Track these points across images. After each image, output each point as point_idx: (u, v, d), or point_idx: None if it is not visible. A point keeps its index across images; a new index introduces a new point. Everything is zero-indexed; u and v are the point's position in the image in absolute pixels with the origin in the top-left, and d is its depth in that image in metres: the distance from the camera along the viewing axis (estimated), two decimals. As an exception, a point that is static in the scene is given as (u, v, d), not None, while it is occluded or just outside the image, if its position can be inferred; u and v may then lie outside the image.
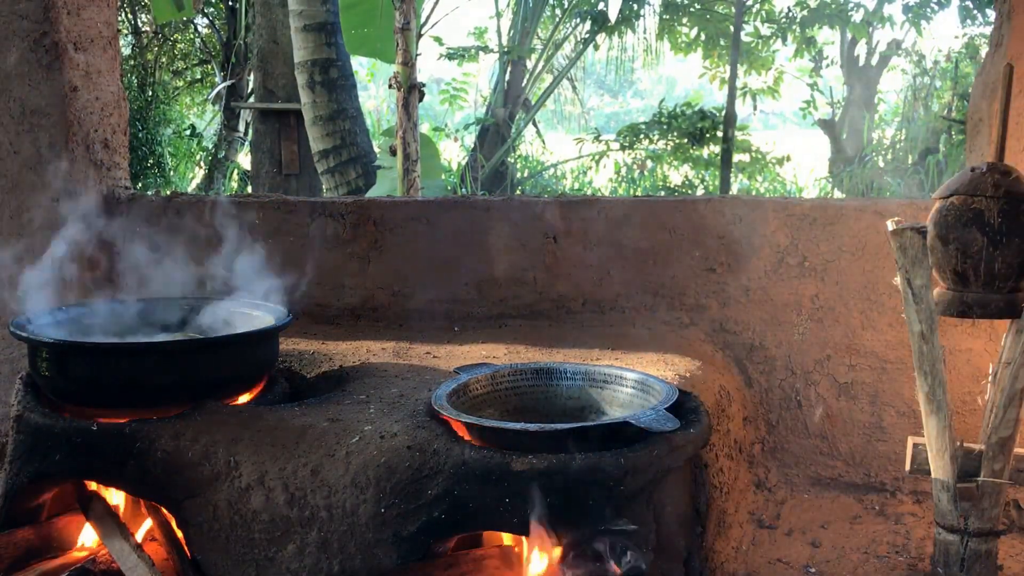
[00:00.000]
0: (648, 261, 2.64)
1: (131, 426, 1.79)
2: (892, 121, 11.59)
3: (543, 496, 1.53)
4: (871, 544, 2.26)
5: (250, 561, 1.69)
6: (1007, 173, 1.90)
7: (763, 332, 2.60)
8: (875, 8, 10.18)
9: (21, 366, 2.58)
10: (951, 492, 2.00)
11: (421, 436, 1.67)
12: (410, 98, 5.03)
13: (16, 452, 1.89)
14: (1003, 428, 1.96)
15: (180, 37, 12.85)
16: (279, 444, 1.72)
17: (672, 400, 1.70)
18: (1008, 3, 2.44)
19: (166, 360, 1.85)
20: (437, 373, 2.14)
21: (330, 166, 6.95)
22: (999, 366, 1.99)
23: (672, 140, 10.88)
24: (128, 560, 1.82)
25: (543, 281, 2.71)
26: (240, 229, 2.80)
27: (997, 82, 2.31)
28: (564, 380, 1.96)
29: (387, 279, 2.78)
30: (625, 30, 11.36)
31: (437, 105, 14.09)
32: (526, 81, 11.14)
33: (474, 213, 2.74)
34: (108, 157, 2.89)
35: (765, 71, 11.23)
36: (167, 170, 10.87)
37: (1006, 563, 2.14)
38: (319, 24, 6.77)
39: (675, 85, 29.25)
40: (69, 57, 2.70)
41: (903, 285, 2.02)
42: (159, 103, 11.20)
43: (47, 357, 1.86)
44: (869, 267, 2.52)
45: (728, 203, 2.60)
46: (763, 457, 2.60)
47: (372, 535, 1.61)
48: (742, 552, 2.19)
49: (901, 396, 2.53)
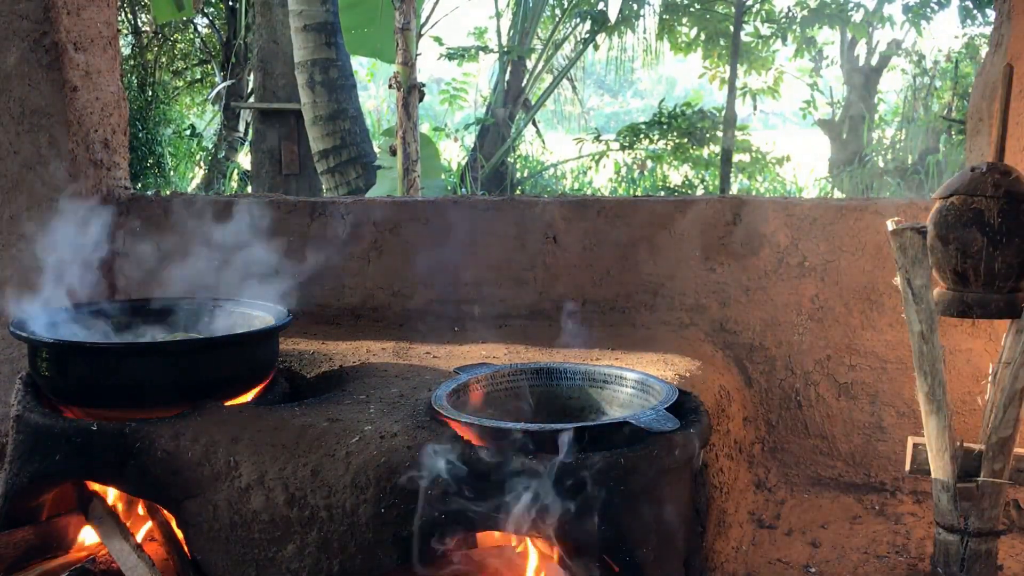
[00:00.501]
0: (648, 261, 2.64)
1: (131, 426, 1.79)
2: (892, 121, 11.59)
3: (543, 496, 1.53)
4: (871, 544, 2.26)
5: (250, 561, 1.69)
6: (1007, 173, 1.90)
7: (763, 332, 2.60)
8: (875, 8, 10.17)
9: (21, 366, 2.58)
10: (951, 492, 2.00)
11: (421, 436, 1.67)
12: (410, 98, 5.03)
13: (16, 452, 1.89)
14: (1003, 428, 1.96)
15: (180, 37, 12.85)
16: (279, 444, 1.72)
17: (672, 400, 1.70)
18: (1008, 3, 2.44)
19: (166, 360, 1.85)
20: (437, 373, 2.14)
21: (330, 166, 6.95)
22: (999, 366, 1.99)
23: (672, 140, 10.88)
24: (128, 560, 1.82)
25: (543, 281, 2.71)
26: (240, 229, 2.80)
27: (997, 82, 2.31)
28: (564, 380, 1.96)
29: (387, 279, 2.78)
30: (625, 30, 11.36)
31: (437, 105, 14.09)
32: (526, 81, 11.14)
33: (474, 213, 2.74)
34: (108, 157, 2.89)
35: (765, 71, 11.23)
36: (167, 170, 10.87)
37: (1006, 563, 2.14)
38: (319, 24, 6.77)
39: (675, 85, 29.24)
40: (69, 57, 2.70)
41: (903, 285, 2.02)
42: (159, 103, 11.20)
43: (47, 357, 1.86)
44: (869, 267, 2.52)
45: (728, 203, 2.60)
46: (763, 457, 2.60)
47: (372, 535, 1.61)
48: (742, 552, 2.19)
49: (901, 396, 2.53)
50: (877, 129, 11.23)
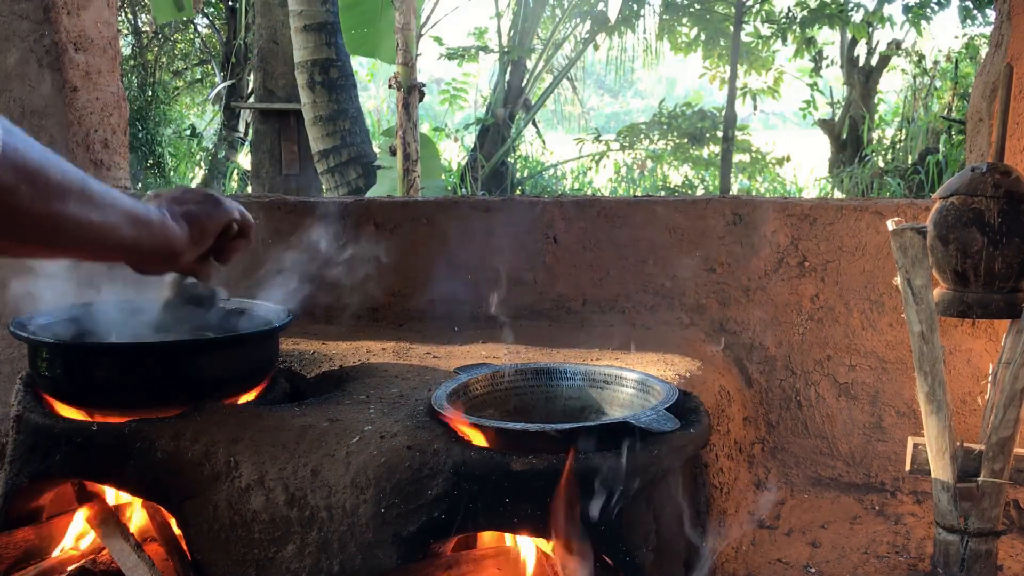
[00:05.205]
0: (648, 261, 2.64)
1: (131, 426, 1.79)
2: (892, 121, 11.59)
3: (543, 496, 1.53)
4: (871, 544, 2.26)
5: (250, 561, 1.69)
6: (1007, 173, 1.90)
7: (763, 332, 2.60)
8: (875, 8, 10.18)
9: (21, 366, 2.58)
10: (951, 492, 2.00)
11: (421, 436, 1.67)
12: (410, 98, 5.04)
13: (16, 452, 1.89)
14: (1003, 428, 1.96)
15: (180, 37, 12.86)
16: (279, 444, 1.72)
17: (672, 400, 1.70)
18: (1008, 3, 2.44)
19: (166, 360, 1.85)
20: (437, 373, 2.14)
21: (330, 166, 6.96)
22: (999, 366, 1.99)
23: (672, 140, 10.89)
24: (128, 560, 1.82)
25: (543, 281, 2.71)
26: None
27: (997, 82, 2.31)
28: (564, 380, 1.96)
29: (387, 279, 2.78)
30: (625, 30, 11.38)
31: (437, 105, 14.10)
32: (526, 81, 11.15)
33: (474, 213, 2.74)
34: (108, 157, 2.89)
35: (765, 71, 11.24)
36: (167, 170, 10.88)
37: (1006, 563, 2.14)
38: (319, 24, 6.78)
39: (675, 85, 29.25)
40: (69, 57, 2.70)
41: (903, 285, 2.02)
42: (159, 103, 11.21)
43: (47, 357, 1.86)
44: (869, 267, 2.52)
45: (728, 203, 2.60)
46: (763, 457, 2.60)
47: (372, 535, 1.61)
48: (742, 552, 2.19)
49: (901, 396, 2.53)
50: (877, 129, 11.24)
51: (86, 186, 1.07)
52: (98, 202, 1.10)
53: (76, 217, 1.06)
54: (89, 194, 1.08)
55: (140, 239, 1.23)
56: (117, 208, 1.15)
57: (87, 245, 1.12)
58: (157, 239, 1.28)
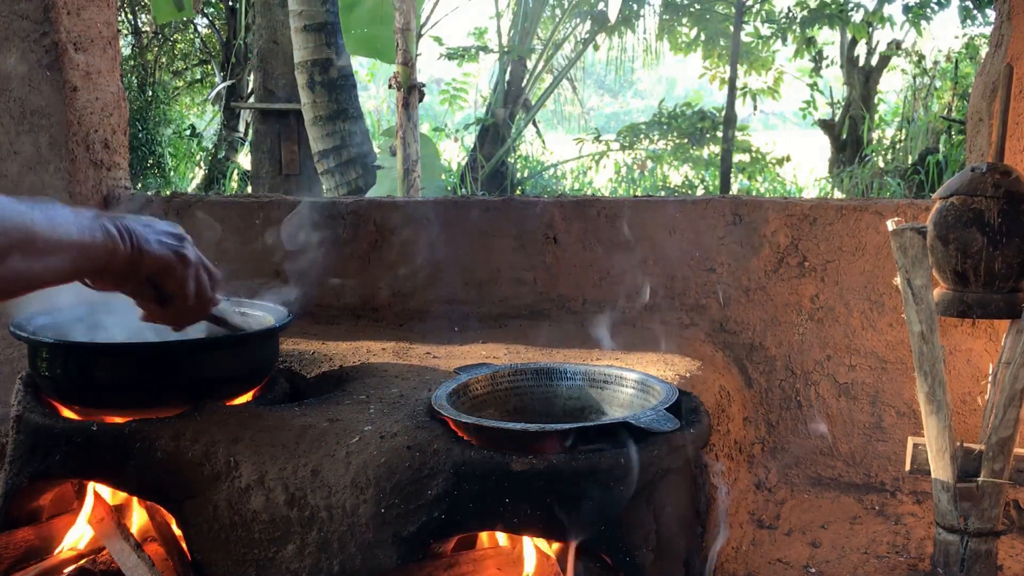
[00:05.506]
0: (648, 261, 2.64)
1: (131, 426, 1.79)
2: (892, 121, 11.60)
3: (543, 496, 1.53)
4: (871, 544, 2.26)
5: (250, 561, 1.69)
6: (1007, 173, 1.90)
7: (763, 332, 2.60)
8: (875, 8, 10.19)
9: (21, 366, 2.58)
10: (951, 492, 2.00)
11: (421, 436, 1.67)
12: (410, 98, 5.04)
13: (16, 452, 1.89)
14: (1003, 428, 1.96)
15: (180, 37, 12.86)
16: (279, 444, 1.72)
17: (672, 400, 1.70)
18: (1008, 3, 2.44)
19: (166, 360, 1.85)
20: (437, 373, 2.14)
21: (330, 166, 6.96)
22: (999, 366, 1.99)
23: (672, 140, 10.90)
24: (128, 560, 1.82)
25: (543, 281, 2.71)
26: (240, 229, 2.80)
27: (997, 82, 2.31)
28: (564, 380, 1.96)
29: (387, 279, 2.78)
30: (625, 30, 11.38)
31: (437, 105, 14.10)
32: (526, 81, 11.15)
33: (474, 213, 2.74)
34: (108, 157, 2.89)
35: (765, 71, 11.25)
36: (167, 170, 10.89)
37: (1006, 563, 2.14)
38: (319, 24, 6.77)
39: (675, 85, 29.26)
40: (69, 57, 2.70)
41: (903, 285, 2.02)
42: (159, 103, 11.22)
43: (47, 357, 1.86)
44: (869, 267, 2.52)
45: (728, 203, 2.60)
46: (763, 457, 2.60)
47: (372, 535, 1.61)
48: (742, 552, 2.19)
49: (901, 396, 2.53)
50: (877, 129, 11.24)
51: (29, 232, 1.07)
52: (41, 247, 1.10)
53: (17, 270, 1.06)
54: (31, 240, 1.08)
55: (82, 270, 1.29)
56: (63, 244, 1.16)
57: (32, 289, 1.15)
58: (100, 262, 1.32)
